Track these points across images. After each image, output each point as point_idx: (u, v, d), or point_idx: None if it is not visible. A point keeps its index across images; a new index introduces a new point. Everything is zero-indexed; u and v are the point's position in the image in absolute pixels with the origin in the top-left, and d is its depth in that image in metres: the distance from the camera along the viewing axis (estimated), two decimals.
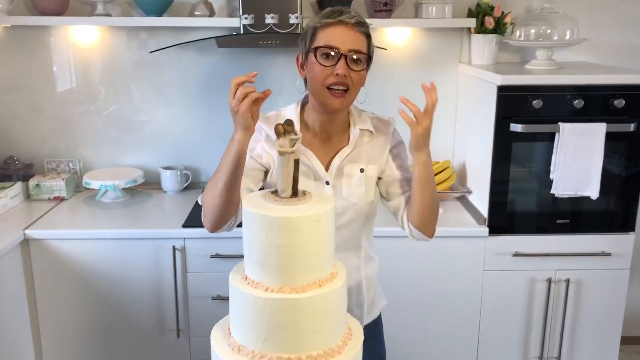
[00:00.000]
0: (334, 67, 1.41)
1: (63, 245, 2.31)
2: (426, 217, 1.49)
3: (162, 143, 2.81)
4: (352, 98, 1.48)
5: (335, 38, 1.41)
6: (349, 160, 1.52)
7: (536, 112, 2.24)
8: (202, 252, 2.33)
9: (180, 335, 2.41)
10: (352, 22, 1.42)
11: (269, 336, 1.07)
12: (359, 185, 1.52)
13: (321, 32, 1.43)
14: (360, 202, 1.52)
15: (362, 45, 1.44)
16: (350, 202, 1.51)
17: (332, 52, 1.41)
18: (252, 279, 1.12)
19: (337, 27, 1.42)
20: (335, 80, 1.41)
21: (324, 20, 1.43)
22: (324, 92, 1.43)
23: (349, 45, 1.41)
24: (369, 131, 1.56)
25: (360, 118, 1.57)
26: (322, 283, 1.11)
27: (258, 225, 1.07)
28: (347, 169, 1.52)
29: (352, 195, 1.51)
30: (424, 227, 1.50)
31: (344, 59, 1.40)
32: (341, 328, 1.15)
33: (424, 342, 2.45)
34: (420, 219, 1.49)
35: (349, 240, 1.54)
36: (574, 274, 2.39)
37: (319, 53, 1.42)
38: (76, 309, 2.38)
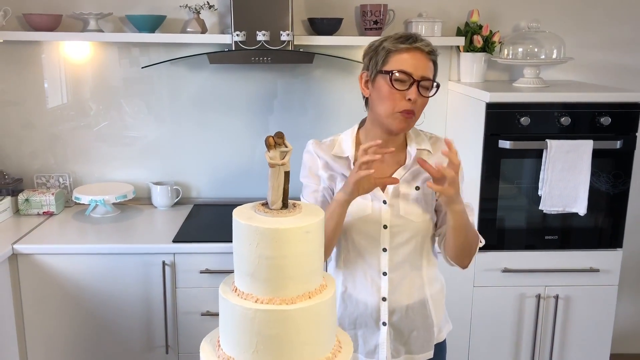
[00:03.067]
0: (406, 92, 1.44)
1: (52, 260, 2.30)
2: (459, 255, 1.55)
3: (152, 159, 2.81)
4: (415, 121, 1.52)
5: (409, 64, 1.44)
6: (404, 180, 1.55)
7: (524, 129, 2.27)
8: (192, 267, 2.32)
9: (169, 352, 2.39)
10: (426, 50, 1.46)
11: (259, 348, 1.07)
12: (415, 203, 1.54)
13: (395, 56, 1.45)
14: (418, 219, 1.54)
15: (432, 72, 1.48)
16: (407, 220, 1.53)
17: (406, 77, 1.44)
18: (241, 291, 1.12)
19: (413, 53, 1.45)
20: (406, 106, 1.45)
21: (400, 45, 1.45)
22: (395, 115, 1.47)
23: (422, 72, 1.45)
24: (427, 151, 1.58)
25: (418, 138, 1.60)
26: (311, 295, 1.11)
27: (248, 236, 1.08)
28: (404, 187, 1.54)
29: (409, 213, 1.53)
30: (458, 260, 1.57)
31: (416, 85, 1.44)
32: (331, 340, 1.16)
33: None
34: (454, 255, 1.56)
35: (410, 260, 1.56)
36: (562, 290, 2.41)
37: (393, 77, 1.44)
38: (64, 325, 2.35)
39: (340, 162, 1.55)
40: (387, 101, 1.45)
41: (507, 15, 2.70)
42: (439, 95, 2.76)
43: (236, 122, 2.76)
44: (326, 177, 1.56)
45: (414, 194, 1.54)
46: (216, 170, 2.82)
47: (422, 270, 1.59)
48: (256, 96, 2.74)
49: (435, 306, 1.62)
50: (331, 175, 1.56)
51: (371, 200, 1.53)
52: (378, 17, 2.55)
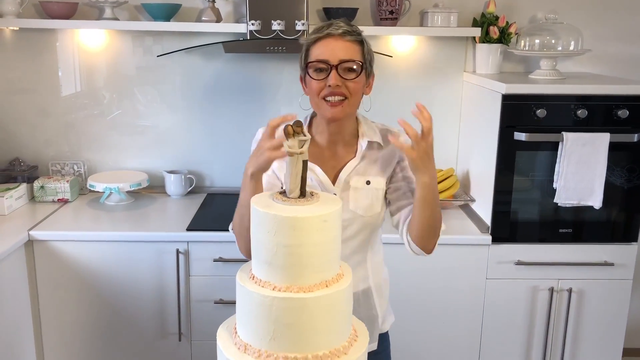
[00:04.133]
0: (327, 79, 1.43)
1: (67, 246, 2.32)
2: (425, 235, 1.47)
3: (166, 147, 2.82)
4: (353, 106, 1.49)
5: (324, 52, 1.44)
6: (355, 173, 1.53)
7: (540, 121, 2.25)
8: (206, 255, 2.33)
9: (182, 339, 2.41)
10: (339, 32, 1.44)
11: (276, 335, 1.08)
12: (365, 197, 1.52)
13: (312, 48, 1.46)
14: (367, 214, 1.52)
15: (354, 53, 1.45)
16: (356, 215, 1.51)
17: (323, 65, 1.43)
18: (259, 278, 1.12)
19: (326, 40, 1.44)
20: (329, 91, 1.43)
21: (313, 36, 1.46)
22: (322, 103, 1.46)
23: (339, 56, 1.43)
24: (377, 143, 1.56)
25: (369, 130, 1.57)
26: (328, 283, 1.12)
27: (266, 224, 1.08)
28: (354, 181, 1.52)
29: (358, 207, 1.51)
30: (422, 244, 1.49)
31: (335, 69, 1.43)
32: (347, 329, 1.16)
33: (424, 350, 2.44)
34: (419, 236, 1.48)
35: (356, 252, 1.55)
36: (576, 284, 2.39)
37: (311, 69, 1.45)
38: (78, 311, 2.38)
39: None
40: (314, 92, 1.46)
41: (523, 6, 2.68)
42: (454, 86, 2.81)
43: (250, 112, 2.77)
44: (276, 167, 1.51)
45: (365, 189, 1.52)
46: (230, 159, 2.82)
47: (367, 262, 1.57)
48: (270, 86, 2.74)
49: (379, 296, 1.61)
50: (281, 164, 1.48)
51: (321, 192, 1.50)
52: (394, 7, 2.53)
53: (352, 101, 1.47)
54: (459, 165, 2.80)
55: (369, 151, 1.54)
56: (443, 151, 2.73)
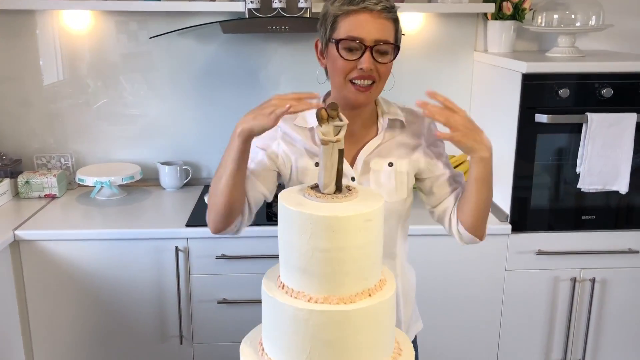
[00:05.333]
0: (359, 60, 1.26)
1: (56, 246, 2.14)
2: (480, 218, 1.36)
3: (159, 137, 2.64)
4: (379, 91, 1.34)
5: (358, 28, 1.25)
6: (376, 155, 1.38)
7: (563, 102, 2.11)
8: (207, 252, 2.17)
9: (183, 342, 2.25)
10: (377, 8, 1.25)
11: (313, 354, 0.93)
12: (388, 180, 1.37)
13: (343, 21, 1.26)
14: (391, 199, 1.36)
15: (389, 33, 1.28)
16: None
17: (356, 45, 1.25)
18: (290, 288, 0.97)
19: (361, 15, 1.25)
20: (360, 74, 1.27)
21: (345, 8, 1.26)
22: (348, 85, 1.29)
23: (375, 36, 1.25)
24: (400, 122, 1.41)
25: (390, 109, 1.42)
26: (371, 292, 0.97)
27: (299, 225, 0.93)
28: (374, 163, 1.37)
29: (380, 191, 1.35)
30: (476, 229, 1.38)
31: (370, 51, 1.25)
32: (391, 342, 1.01)
33: (441, 343, 2.31)
34: (473, 221, 1.36)
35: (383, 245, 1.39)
36: (599, 273, 2.28)
37: (342, 46, 1.26)
38: (71, 315, 2.21)
39: (302, 134, 1.36)
40: (341, 72, 1.28)
41: None
42: (464, 66, 2.65)
43: (250, 97, 2.59)
44: (285, 149, 1.37)
45: (387, 170, 1.37)
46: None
47: (397, 259, 1.42)
48: (272, 68, 2.56)
49: (405, 302, 1.46)
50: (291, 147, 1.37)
51: None
52: None
53: (380, 85, 1.32)
54: None
55: (390, 131, 1.40)
56: None
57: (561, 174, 2.24)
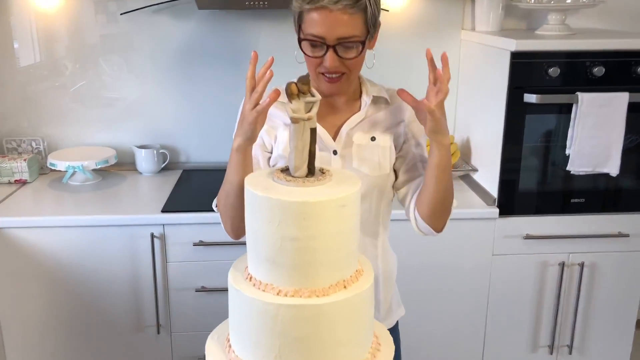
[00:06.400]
0: (323, 57, 1.21)
1: (27, 234, 2.05)
2: (438, 210, 1.30)
3: (135, 120, 2.54)
4: (352, 80, 1.29)
5: (319, 26, 1.18)
6: (359, 129, 1.33)
7: (552, 81, 2.04)
8: (184, 239, 2.09)
9: (160, 332, 2.17)
10: (338, 7, 1.17)
11: (283, 352, 0.85)
12: (370, 154, 1.32)
13: (306, 17, 1.21)
14: (373, 173, 1.32)
15: (355, 28, 1.20)
16: (361, 174, 1.30)
17: (319, 43, 1.20)
18: (258, 280, 0.89)
19: (322, 12, 1.18)
20: (326, 69, 1.22)
21: (305, 6, 1.19)
22: (319, 78, 1.25)
23: (337, 34, 1.18)
24: (384, 99, 1.37)
25: (374, 87, 1.38)
26: (347, 283, 0.89)
27: (267, 212, 0.85)
28: (357, 137, 1.32)
29: (363, 165, 1.31)
30: (433, 220, 1.32)
31: (333, 50, 1.19)
32: (368, 338, 0.94)
33: (426, 329, 2.25)
34: (430, 211, 1.30)
35: (365, 223, 1.34)
36: (588, 257, 2.22)
37: (305, 44, 1.22)
38: (43, 306, 2.12)
39: (281, 108, 1.29)
40: (310, 66, 1.24)
41: None
42: (450, 47, 2.56)
43: (229, 77, 2.49)
44: (265, 131, 1.31)
45: (370, 145, 1.32)
46: (207, 131, 2.55)
47: (379, 238, 1.38)
48: (250, 47, 2.46)
49: (386, 284, 1.41)
50: (271, 127, 1.32)
51: (319, 151, 1.29)
52: None
53: (352, 76, 1.28)
54: (457, 133, 2.58)
55: (374, 107, 1.35)
56: None
57: (550, 156, 2.17)
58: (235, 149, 1.13)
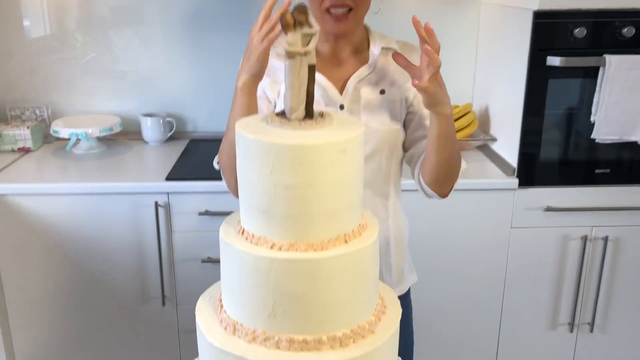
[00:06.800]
0: None
1: (29, 201, 1.99)
2: (442, 177, 1.23)
3: (143, 89, 2.47)
4: (359, 18, 1.21)
5: None
6: (367, 82, 1.24)
7: (578, 43, 1.92)
8: (189, 208, 2.02)
9: (166, 304, 2.12)
10: None
11: (277, 310, 0.78)
12: (380, 108, 1.23)
13: None
14: (383, 128, 1.23)
15: None
16: (371, 129, 1.22)
17: None
18: (251, 233, 0.81)
19: None
20: (333, 2, 1.14)
21: None
22: (325, 16, 1.16)
23: None
24: (393, 51, 1.26)
25: (384, 39, 1.29)
26: (348, 238, 0.81)
27: (259, 157, 0.76)
28: (365, 91, 1.24)
29: (372, 120, 1.22)
30: (438, 187, 1.25)
31: None
32: (373, 299, 0.86)
33: (439, 304, 2.16)
34: (434, 178, 1.23)
35: (374, 182, 1.25)
36: (613, 231, 2.11)
37: None
38: (47, 275, 2.07)
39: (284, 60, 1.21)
40: (315, 3, 1.17)
41: None
42: (469, 11, 2.44)
43: (239, 46, 2.37)
44: (267, 85, 1.24)
45: (379, 99, 1.24)
46: (215, 100, 2.47)
47: (389, 200, 1.30)
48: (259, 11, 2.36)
49: (397, 249, 1.34)
50: (273, 81, 1.25)
51: (325, 105, 1.22)
52: None
53: (360, 12, 1.19)
54: (475, 102, 2.47)
55: (383, 59, 1.26)
56: (457, 86, 2.39)
57: (574, 123, 2.05)
58: (240, 87, 1.06)
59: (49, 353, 2.15)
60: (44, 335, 2.13)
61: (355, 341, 0.79)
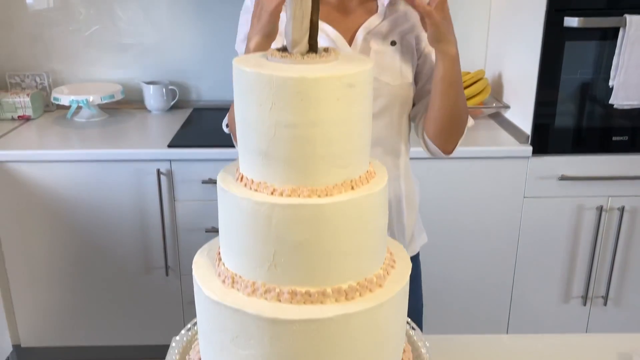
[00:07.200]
0: None
1: (30, 168, 1.95)
2: (445, 129, 1.16)
3: (146, 57, 2.41)
4: None
5: None
6: (377, 33, 1.17)
7: (597, 2, 1.84)
8: (192, 176, 1.97)
9: (169, 274, 2.08)
10: None
11: (278, 261, 0.72)
12: (392, 61, 1.16)
13: None
14: (395, 82, 1.16)
15: None
16: (381, 83, 1.15)
17: None
18: (250, 179, 0.75)
19: None
20: None
21: None
22: None
23: None
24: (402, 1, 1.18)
25: None
26: (355, 184, 0.75)
27: (257, 92, 0.70)
28: (375, 43, 1.16)
29: (383, 73, 1.15)
30: (441, 141, 1.18)
31: None
32: (381, 251, 0.80)
33: (449, 274, 2.11)
34: (437, 130, 1.16)
35: (385, 139, 1.19)
36: (629, 201, 2.04)
37: None
38: (47, 243, 2.04)
39: None
40: None
41: None
42: None
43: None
44: None
45: (390, 50, 1.16)
46: (220, 68, 2.40)
47: (400, 158, 1.23)
48: None
49: (409, 208, 1.28)
50: None
51: None
52: None
53: None
54: (487, 69, 2.39)
55: (393, 9, 1.18)
56: (469, 52, 2.32)
57: (591, 89, 1.98)
58: (253, 50, 0.97)
59: (51, 322, 2.12)
60: (46, 304, 2.10)
61: (361, 294, 0.74)
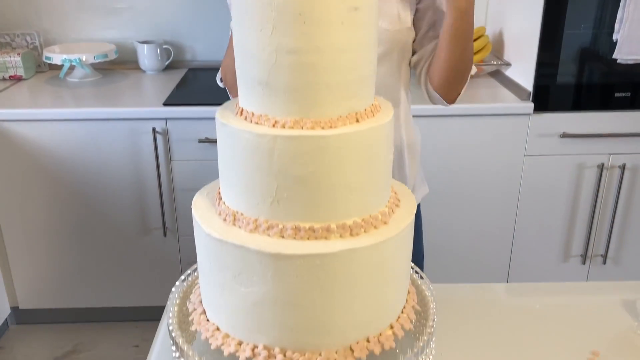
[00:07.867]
0: None
1: (23, 128, 1.92)
2: (451, 79, 1.14)
3: (140, 16, 2.35)
4: None
5: None
6: None
7: None
8: (189, 135, 1.94)
9: (167, 234, 2.06)
10: None
11: (281, 196, 0.70)
12: (389, 6, 1.13)
13: None
14: (393, 27, 1.13)
15: None
16: (380, 29, 1.11)
17: None
18: (250, 112, 0.72)
19: None
20: None
21: None
22: None
23: None
24: None
25: None
26: (360, 117, 0.72)
27: (258, 15, 0.67)
28: None
29: (381, 18, 1.12)
30: (445, 90, 1.16)
31: None
32: (385, 188, 0.78)
33: (449, 231, 2.10)
34: (442, 80, 1.14)
35: (384, 87, 1.16)
36: (631, 159, 2.02)
37: None
38: (44, 204, 2.01)
39: None
40: None
41: None
42: None
43: None
44: None
45: None
46: (215, 28, 2.35)
47: (400, 106, 1.21)
48: None
49: (410, 158, 1.26)
50: None
51: None
52: None
53: None
54: (488, 26, 2.34)
55: None
56: None
57: (594, 43, 1.94)
58: None
59: (48, 285, 2.11)
60: (43, 266, 2.08)
61: (366, 230, 0.72)
